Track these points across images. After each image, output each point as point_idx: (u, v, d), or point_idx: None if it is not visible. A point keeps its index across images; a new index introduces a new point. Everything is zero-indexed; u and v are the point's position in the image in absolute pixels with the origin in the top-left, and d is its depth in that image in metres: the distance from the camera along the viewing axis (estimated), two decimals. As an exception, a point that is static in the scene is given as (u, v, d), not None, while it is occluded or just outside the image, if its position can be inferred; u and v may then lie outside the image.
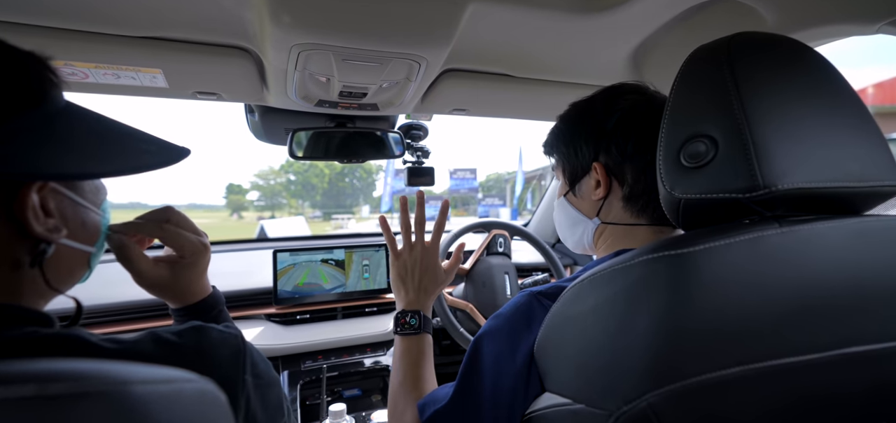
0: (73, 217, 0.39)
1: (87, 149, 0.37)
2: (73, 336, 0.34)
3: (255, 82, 0.80)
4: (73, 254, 0.40)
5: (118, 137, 0.40)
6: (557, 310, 0.46)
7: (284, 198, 39.90)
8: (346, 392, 1.22)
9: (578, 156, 0.59)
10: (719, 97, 0.39)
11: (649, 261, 0.38)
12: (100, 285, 1.12)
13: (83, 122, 0.39)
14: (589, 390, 0.41)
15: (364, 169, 41.16)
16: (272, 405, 0.44)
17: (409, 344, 0.65)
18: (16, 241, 0.34)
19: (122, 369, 0.22)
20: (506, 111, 1.07)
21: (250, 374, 0.41)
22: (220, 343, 0.39)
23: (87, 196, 0.41)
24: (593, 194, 0.58)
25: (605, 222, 0.59)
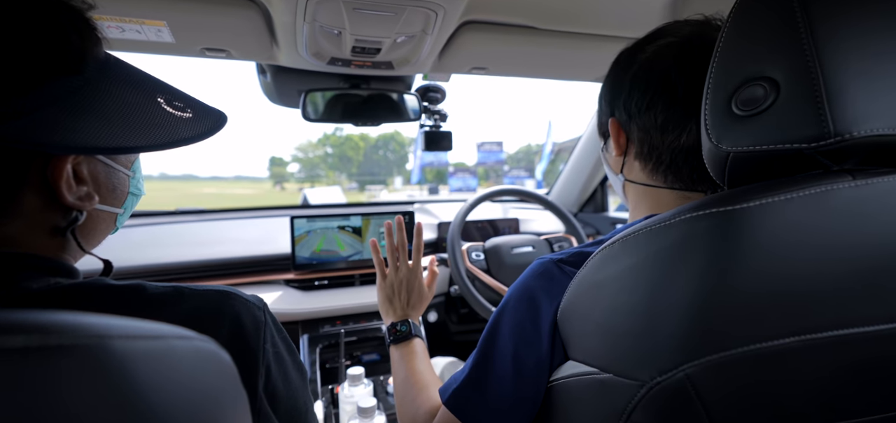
0: (105, 182, 0.39)
1: (125, 120, 0.36)
2: (96, 284, 0.34)
3: (265, 38, 0.76)
4: (104, 216, 0.40)
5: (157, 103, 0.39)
6: (584, 275, 0.43)
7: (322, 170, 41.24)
8: (364, 357, 1.23)
9: (602, 110, 0.58)
10: (785, 32, 0.33)
11: (693, 219, 0.34)
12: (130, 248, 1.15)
13: (124, 84, 0.38)
14: (618, 358, 0.38)
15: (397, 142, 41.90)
16: (293, 383, 0.43)
17: (404, 349, 0.68)
18: (50, 209, 0.34)
19: (104, 322, 0.20)
20: (529, 69, 1.00)
21: (271, 345, 0.40)
22: (243, 310, 0.38)
23: (120, 160, 0.41)
24: (615, 150, 0.56)
25: (629, 180, 0.56)
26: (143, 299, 0.35)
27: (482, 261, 1.16)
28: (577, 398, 0.43)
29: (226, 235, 1.27)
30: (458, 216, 1.18)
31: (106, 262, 0.41)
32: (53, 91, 0.32)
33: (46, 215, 0.34)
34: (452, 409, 0.51)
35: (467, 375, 0.51)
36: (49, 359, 0.18)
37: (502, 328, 0.50)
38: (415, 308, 0.74)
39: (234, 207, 1.47)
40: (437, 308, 1.35)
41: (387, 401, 0.95)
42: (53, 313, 0.20)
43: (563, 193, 1.65)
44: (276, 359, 0.41)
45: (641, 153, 0.53)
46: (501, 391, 0.49)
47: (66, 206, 0.34)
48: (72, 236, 0.36)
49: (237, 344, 0.37)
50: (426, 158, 20.81)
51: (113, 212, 0.41)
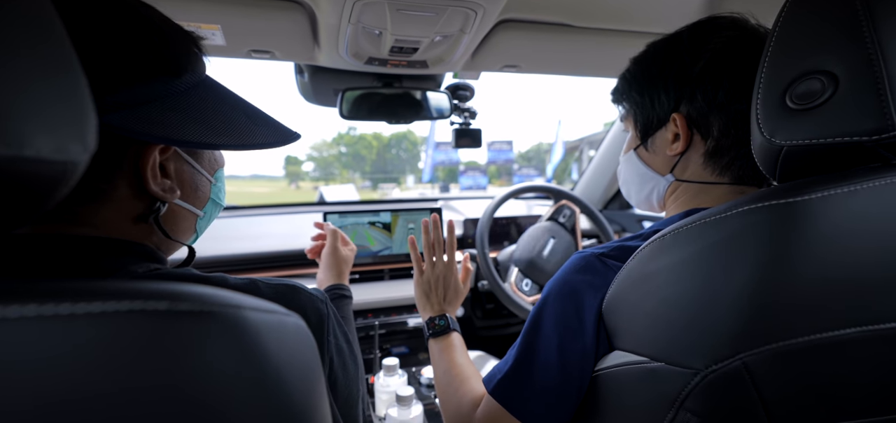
0: (188, 181, 0.42)
1: (211, 123, 0.39)
2: (190, 273, 0.37)
3: (308, 40, 0.79)
4: (185, 214, 0.43)
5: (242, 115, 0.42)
6: (633, 267, 0.44)
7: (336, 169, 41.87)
8: (394, 350, 1.25)
9: (655, 105, 0.52)
10: (845, 24, 0.33)
11: (751, 211, 0.35)
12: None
13: (216, 96, 0.41)
14: (670, 346, 0.39)
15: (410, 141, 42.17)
16: (350, 374, 0.46)
17: (444, 342, 0.69)
18: (137, 197, 0.37)
19: (237, 296, 0.23)
20: (561, 67, 1.01)
21: (333, 336, 0.43)
22: (309, 303, 0.41)
23: (204, 164, 0.44)
24: (669, 149, 0.52)
25: (680, 180, 0.53)
26: (227, 288, 0.38)
27: (533, 287, 1.17)
28: (625, 387, 0.44)
29: (261, 230, 1.31)
30: (486, 214, 1.20)
31: (190, 249, 0.44)
32: (153, 91, 0.35)
33: (134, 202, 0.37)
34: (499, 399, 0.51)
35: (512, 366, 0.52)
36: (196, 321, 0.21)
37: (545, 321, 0.51)
38: (451, 303, 0.75)
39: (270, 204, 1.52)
40: (463, 303, 1.37)
41: (421, 391, 0.98)
42: (191, 286, 0.22)
43: (589, 189, 1.65)
44: (337, 350, 0.44)
45: (718, 149, 0.49)
46: (547, 381, 0.49)
47: (151, 195, 0.37)
48: (156, 224, 0.39)
49: None
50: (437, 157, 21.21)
51: (193, 212, 0.44)
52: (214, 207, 0.47)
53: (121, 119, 0.33)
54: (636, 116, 0.56)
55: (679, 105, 0.51)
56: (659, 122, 0.53)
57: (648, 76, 0.53)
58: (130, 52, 0.34)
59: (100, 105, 0.24)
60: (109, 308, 0.19)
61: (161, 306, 0.20)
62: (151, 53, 0.36)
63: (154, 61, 0.36)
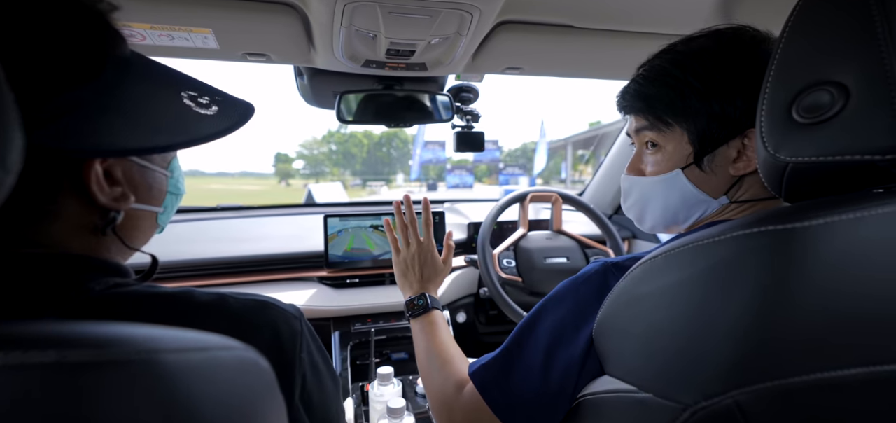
0: (142, 182, 0.40)
1: (152, 118, 0.37)
2: (149, 291, 0.35)
3: (303, 42, 0.78)
4: (144, 215, 0.41)
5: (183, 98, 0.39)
6: (624, 288, 0.41)
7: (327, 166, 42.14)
8: (393, 355, 1.24)
9: (725, 117, 0.44)
10: (858, 33, 0.30)
11: (747, 236, 0.32)
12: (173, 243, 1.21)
13: (149, 83, 0.38)
14: (659, 378, 0.36)
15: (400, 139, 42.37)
16: (328, 392, 0.44)
17: (423, 322, 0.68)
18: (88, 210, 0.36)
19: (153, 335, 0.21)
20: (565, 69, 0.98)
21: (307, 354, 0.41)
22: (281, 320, 0.39)
23: (155, 160, 0.42)
24: (733, 168, 0.45)
25: (735, 201, 0.47)
26: (191, 305, 0.36)
27: (513, 268, 1.15)
28: (611, 416, 0.42)
29: (260, 231, 1.31)
30: (489, 218, 1.17)
31: (153, 258, 0.43)
32: (75, 97, 0.32)
33: (85, 216, 0.35)
34: (477, 386, 0.52)
35: (497, 356, 0.52)
36: (103, 373, 0.18)
37: (543, 321, 0.49)
38: (430, 281, 0.74)
39: (270, 205, 1.52)
40: (465, 309, 1.35)
41: (416, 401, 0.96)
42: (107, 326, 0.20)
43: (598, 194, 1.60)
44: (312, 368, 0.42)
45: None
46: (526, 382, 0.48)
47: (101, 206, 0.35)
48: (114, 234, 0.37)
49: (275, 354, 0.38)
50: (425, 156, 21.87)
51: (152, 211, 0.42)
52: (174, 198, 0.46)
53: (47, 135, 0.31)
54: (694, 129, 0.47)
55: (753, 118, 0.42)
56: (727, 135, 0.45)
57: (717, 82, 0.45)
58: (37, 64, 0.30)
59: (26, 122, 0.23)
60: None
61: (47, 357, 0.17)
62: (62, 58, 0.32)
63: (66, 66, 0.32)
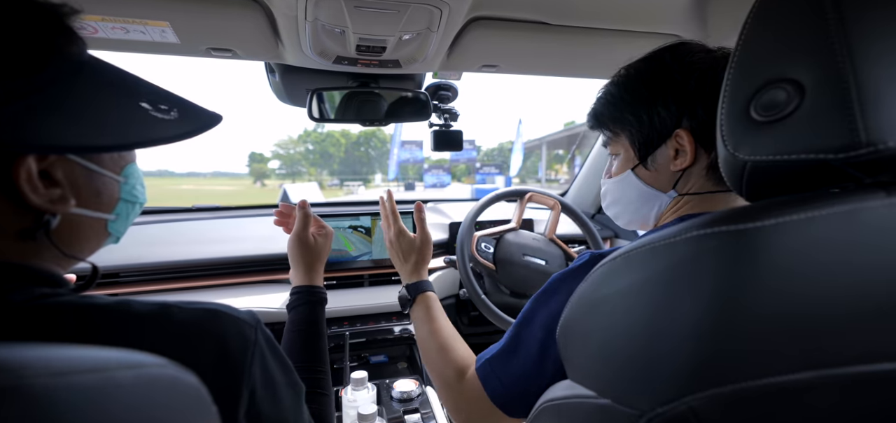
0: (86, 186, 0.37)
1: (97, 118, 0.35)
2: (81, 302, 0.33)
3: (269, 37, 0.75)
4: (90, 222, 0.39)
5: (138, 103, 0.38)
6: (584, 291, 0.40)
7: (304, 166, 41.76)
8: (372, 358, 1.22)
9: (655, 122, 0.53)
10: (812, 28, 0.29)
11: (700, 237, 0.31)
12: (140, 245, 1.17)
13: (99, 83, 0.37)
14: (616, 384, 0.35)
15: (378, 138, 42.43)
16: (285, 406, 0.42)
17: (416, 311, 0.74)
18: (17, 211, 0.33)
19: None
20: (543, 67, 0.97)
21: (259, 366, 0.38)
22: (232, 330, 0.37)
23: (106, 164, 0.39)
24: (672, 165, 0.53)
25: (683, 194, 0.54)
26: (128, 318, 0.34)
27: (490, 253, 1.13)
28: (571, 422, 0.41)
29: (235, 233, 1.28)
30: (468, 217, 1.15)
31: (93, 267, 0.40)
32: (8, 90, 0.31)
33: (15, 217, 0.33)
34: (479, 376, 0.56)
35: (499, 348, 0.56)
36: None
37: (538, 315, 0.52)
38: (410, 260, 0.79)
39: (245, 206, 1.48)
40: (447, 310, 1.33)
41: (391, 406, 0.94)
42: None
43: (580, 194, 1.60)
44: (265, 381, 0.39)
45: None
46: (522, 374, 0.51)
47: (35, 208, 0.33)
48: (49, 240, 0.35)
49: (220, 365, 0.36)
50: (402, 155, 22.43)
51: (100, 217, 0.40)
52: (130, 206, 0.43)
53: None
54: (633, 136, 0.56)
55: (681, 121, 0.51)
56: (660, 138, 0.53)
57: (643, 95, 0.54)
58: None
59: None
60: None
61: None
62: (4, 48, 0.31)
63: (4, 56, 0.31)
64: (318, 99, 0.93)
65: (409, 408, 0.93)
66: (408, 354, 1.24)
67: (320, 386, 0.61)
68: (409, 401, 0.95)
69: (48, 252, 0.36)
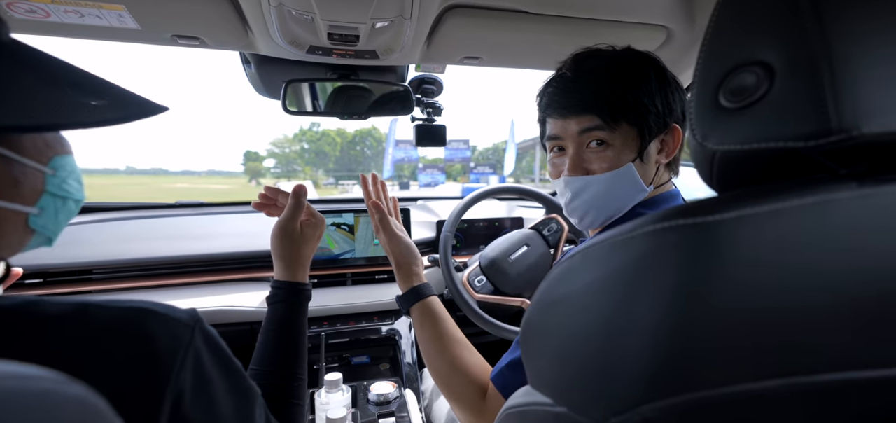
0: (1, 173, 0.34)
1: (13, 99, 0.32)
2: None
3: (237, 25, 0.72)
4: (5, 214, 0.35)
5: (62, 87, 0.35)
6: (543, 291, 0.37)
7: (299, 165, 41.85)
8: (354, 359, 1.18)
9: (662, 113, 0.55)
10: (782, 4, 0.26)
11: (658, 232, 0.28)
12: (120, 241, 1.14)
13: (18, 66, 0.34)
14: (571, 391, 0.32)
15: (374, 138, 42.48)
16: (221, 411, 0.38)
17: (415, 317, 0.68)
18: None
19: None
20: (525, 59, 0.93)
21: (191, 370, 0.35)
22: (161, 330, 0.34)
23: (27, 151, 0.36)
24: (657, 158, 0.56)
25: (657, 186, 0.57)
26: (35, 319, 0.31)
27: (486, 285, 1.08)
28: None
29: (217, 229, 1.25)
30: (452, 217, 1.12)
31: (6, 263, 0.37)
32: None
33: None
34: (497, 386, 0.57)
35: (510, 353, 0.56)
36: None
37: None
38: (408, 269, 0.71)
39: (233, 202, 1.45)
40: None
41: (367, 409, 0.91)
42: None
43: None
44: (198, 385, 0.36)
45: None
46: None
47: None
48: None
49: (140, 369, 0.33)
50: (397, 155, 22.55)
51: (17, 210, 0.36)
52: (59, 201, 0.40)
53: None
54: (644, 127, 0.55)
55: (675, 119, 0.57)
56: (659, 131, 0.55)
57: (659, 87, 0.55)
58: None
59: None
60: None
61: None
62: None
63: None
64: (292, 89, 0.90)
65: (386, 411, 0.90)
66: (391, 354, 1.21)
67: (294, 395, 0.55)
68: (386, 404, 0.92)
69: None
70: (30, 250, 0.42)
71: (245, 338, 1.08)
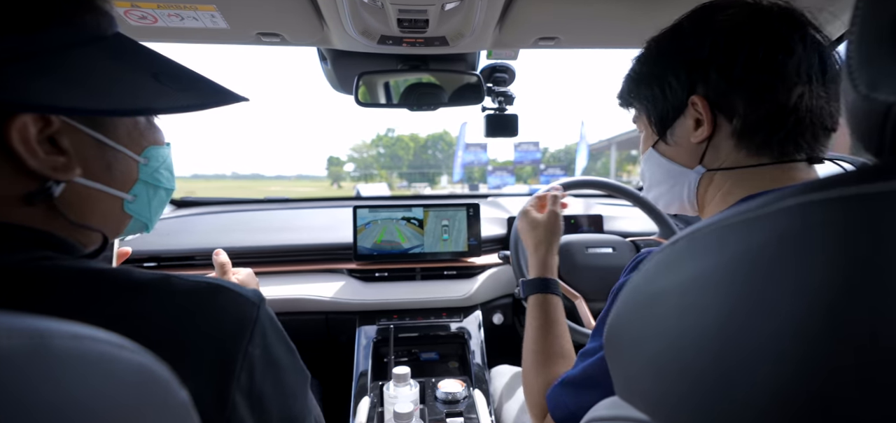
0: (95, 158, 0.37)
1: (101, 85, 0.34)
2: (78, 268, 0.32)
3: (313, 19, 0.74)
4: (101, 196, 0.38)
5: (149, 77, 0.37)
6: (637, 284, 0.31)
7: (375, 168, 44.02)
8: (422, 355, 1.17)
9: (667, 94, 0.50)
10: None
11: (811, 205, 0.21)
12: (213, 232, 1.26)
13: (118, 57, 0.36)
14: (676, 409, 0.26)
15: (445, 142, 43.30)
16: (289, 392, 0.39)
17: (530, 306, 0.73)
18: (19, 175, 0.33)
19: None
20: (609, 38, 0.84)
21: (259, 346, 0.36)
22: (230, 306, 0.35)
23: (121, 138, 0.39)
24: (692, 137, 0.49)
25: (713, 169, 0.49)
26: (123, 285, 0.33)
27: None
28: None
29: (296, 223, 1.33)
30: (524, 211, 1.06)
31: (103, 236, 0.40)
32: (9, 48, 0.30)
33: (19, 180, 0.33)
34: (549, 405, 0.55)
35: (568, 375, 0.54)
36: None
37: (598, 333, 0.50)
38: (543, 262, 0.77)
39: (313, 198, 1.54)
40: (502, 310, 1.24)
41: (435, 407, 0.88)
42: None
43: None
44: (266, 360, 0.36)
45: (747, 126, 0.45)
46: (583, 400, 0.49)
47: (33, 172, 0.32)
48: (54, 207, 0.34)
49: (213, 342, 0.33)
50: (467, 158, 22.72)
51: (111, 193, 0.39)
52: (150, 189, 0.42)
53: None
54: (649, 111, 0.53)
55: (695, 88, 0.48)
56: (675, 110, 0.50)
57: (655, 67, 0.51)
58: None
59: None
60: None
61: None
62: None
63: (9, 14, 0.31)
64: (364, 83, 0.91)
65: (454, 411, 0.87)
66: (460, 353, 1.18)
67: None
68: (455, 403, 0.88)
69: (58, 220, 0.35)
70: (132, 235, 0.45)
71: (320, 327, 1.13)
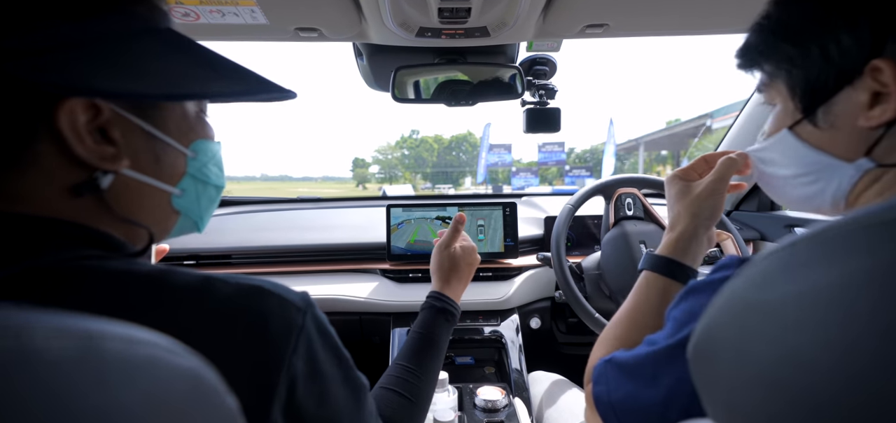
0: (144, 150, 0.36)
1: (151, 73, 0.33)
2: (118, 269, 0.31)
3: (352, 12, 0.72)
4: (149, 190, 0.37)
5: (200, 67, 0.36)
6: (738, 291, 0.26)
7: (400, 170, 44.53)
8: (458, 359, 1.14)
9: (831, 54, 0.35)
10: None
11: None
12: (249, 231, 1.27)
13: (169, 49, 0.35)
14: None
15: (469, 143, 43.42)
16: (335, 404, 0.36)
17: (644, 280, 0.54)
18: (69, 163, 0.32)
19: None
20: (665, 23, 0.78)
21: (305, 356, 0.33)
22: (275, 310, 0.33)
23: (170, 131, 0.38)
24: (863, 118, 0.35)
25: (885, 164, 0.35)
26: (164, 288, 0.31)
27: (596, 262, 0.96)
28: None
29: (329, 222, 1.33)
30: (564, 212, 1.01)
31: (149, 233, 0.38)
32: (65, 35, 0.30)
33: (66, 171, 0.31)
34: (593, 375, 0.47)
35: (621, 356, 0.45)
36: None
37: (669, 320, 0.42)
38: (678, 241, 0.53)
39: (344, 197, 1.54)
40: (540, 314, 1.19)
41: (474, 415, 0.85)
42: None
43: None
44: (311, 373, 0.34)
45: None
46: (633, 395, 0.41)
47: (81, 160, 0.31)
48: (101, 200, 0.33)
49: (254, 350, 0.31)
50: (490, 159, 22.71)
51: (159, 187, 0.37)
52: (198, 184, 0.41)
53: (24, 67, 0.28)
54: (793, 77, 0.39)
55: (882, 47, 0.33)
56: (840, 78, 0.35)
57: (813, 14, 0.36)
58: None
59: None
60: None
61: None
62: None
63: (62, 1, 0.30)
64: (400, 78, 0.88)
65: (494, 420, 0.83)
66: (496, 358, 1.14)
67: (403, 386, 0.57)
68: (494, 411, 0.84)
69: (105, 216, 0.34)
70: (181, 235, 0.44)
71: (354, 328, 1.11)
